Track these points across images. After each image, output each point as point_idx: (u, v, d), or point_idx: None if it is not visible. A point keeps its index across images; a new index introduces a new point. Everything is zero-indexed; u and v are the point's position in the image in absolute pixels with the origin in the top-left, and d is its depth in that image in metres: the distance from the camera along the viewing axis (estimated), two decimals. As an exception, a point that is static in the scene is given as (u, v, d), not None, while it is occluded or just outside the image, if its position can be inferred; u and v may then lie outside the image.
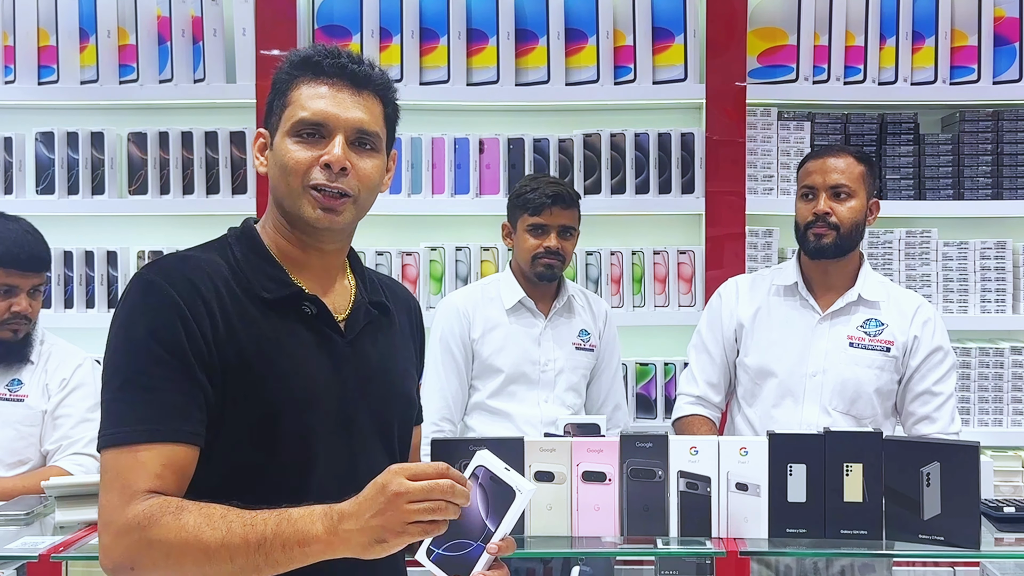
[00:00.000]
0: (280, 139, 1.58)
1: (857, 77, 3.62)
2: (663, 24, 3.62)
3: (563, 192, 2.94)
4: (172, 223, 3.76)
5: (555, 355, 3.01)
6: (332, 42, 3.57)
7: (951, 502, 2.08)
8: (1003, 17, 3.62)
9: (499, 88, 3.63)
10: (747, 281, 2.90)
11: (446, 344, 3.00)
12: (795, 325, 2.76)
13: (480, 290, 3.09)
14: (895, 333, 2.72)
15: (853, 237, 2.71)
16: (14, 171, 3.68)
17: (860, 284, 2.75)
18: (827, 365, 2.71)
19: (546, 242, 2.93)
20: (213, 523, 1.37)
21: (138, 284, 1.49)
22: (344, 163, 1.56)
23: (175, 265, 1.52)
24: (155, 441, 1.42)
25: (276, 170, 1.58)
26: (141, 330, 1.45)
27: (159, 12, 3.66)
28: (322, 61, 1.58)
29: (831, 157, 2.73)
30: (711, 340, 2.87)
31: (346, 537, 1.35)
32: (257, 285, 1.55)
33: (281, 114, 1.59)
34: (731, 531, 2.19)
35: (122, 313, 1.49)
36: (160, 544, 1.37)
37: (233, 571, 1.36)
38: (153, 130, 3.66)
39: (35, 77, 3.68)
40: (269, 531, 1.36)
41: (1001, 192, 3.62)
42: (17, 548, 2.13)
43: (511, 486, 1.44)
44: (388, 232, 3.76)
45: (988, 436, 3.48)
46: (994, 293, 3.59)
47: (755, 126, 3.61)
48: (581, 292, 3.15)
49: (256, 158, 1.65)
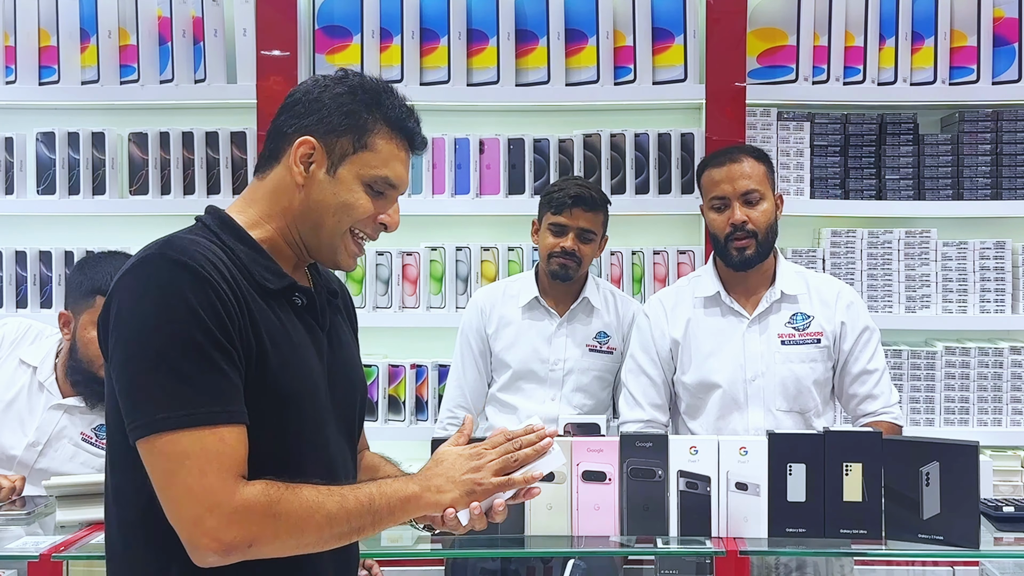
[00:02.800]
0: (351, 178, 1.60)
1: (857, 77, 3.62)
2: (663, 24, 3.62)
3: (586, 195, 2.95)
4: (173, 223, 3.67)
5: (566, 355, 3.03)
6: (333, 43, 3.62)
7: (950, 502, 2.08)
8: (1002, 17, 3.62)
9: (499, 88, 3.63)
10: (670, 297, 2.86)
11: (466, 337, 3.12)
12: (725, 334, 2.74)
13: (503, 287, 3.17)
14: (822, 323, 2.72)
15: (770, 239, 2.71)
16: (15, 171, 3.68)
17: (780, 281, 2.74)
18: (764, 368, 2.70)
19: (563, 242, 2.95)
20: (325, 493, 1.50)
21: (166, 263, 1.46)
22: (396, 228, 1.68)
23: (191, 246, 1.50)
24: (233, 422, 1.45)
25: (333, 202, 1.60)
26: (186, 308, 1.43)
27: (160, 12, 3.67)
28: (415, 134, 1.66)
29: (734, 163, 2.70)
30: (647, 362, 2.81)
31: (439, 491, 1.60)
32: (257, 274, 1.57)
33: (357, 152, 1.59)
34: (731, 531, 2.20)
35: (153, 292, 1.44)
36: (287, 517, 1.45)
37: (345, 532, 1.52)
38: (154, 130, 3.66)
39: (36, 77, 3.68)
40: (376, 493, 1.54)
41: (1000, 192, 3.62)
42: (18, 548, 2.14)
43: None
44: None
45: (988, 436, 3.48)
46: (993, 293, 3.59)
47: (755, 126, 3.62)
48: (610, 293, 3.16)
49: (296, 165, 1.59)
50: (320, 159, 1.59)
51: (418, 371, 3.66)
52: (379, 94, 1.62)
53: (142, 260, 1.49)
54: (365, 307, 3.64)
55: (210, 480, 1.41)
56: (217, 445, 1.42)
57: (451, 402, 3.12)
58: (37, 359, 2.73)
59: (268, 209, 1.63)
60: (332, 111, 1.60)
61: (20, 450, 2.68)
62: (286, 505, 1.44)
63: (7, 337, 2.78)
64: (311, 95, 1.62)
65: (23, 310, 3.63)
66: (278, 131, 1.63)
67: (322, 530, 1.48)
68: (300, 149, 1.59)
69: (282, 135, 1.62)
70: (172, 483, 1.42)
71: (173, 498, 1.43)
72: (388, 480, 1.60)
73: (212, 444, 1.41)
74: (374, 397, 3.62)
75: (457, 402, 3.10)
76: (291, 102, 1.63)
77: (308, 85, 1.65)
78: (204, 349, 1.42)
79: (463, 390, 3.10)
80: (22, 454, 2.68)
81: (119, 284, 1.49)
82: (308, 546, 1.48)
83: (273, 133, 1.64)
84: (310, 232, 1.61)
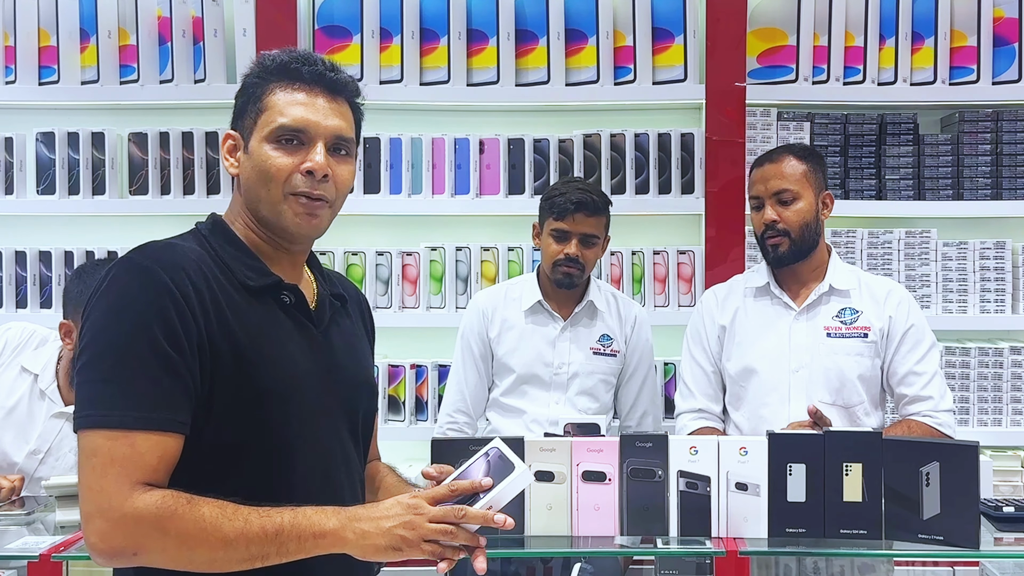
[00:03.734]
0: (257, 144, 1.60)
1: (857, 77, 3.62)
2: (663, 24, 3.62)
3: (589, 200, 2.93)
4: (173, 223, 3.69)
5: (570, 359, 3.02)
6: (333, 43, 3.62)
7: (950, 502, 2.08)
8: (1002, 17, 3.62)
9: (499, 88, 3.63)
10: (723, 289, 2.92)
11: (467, 340, 3.09)
12: (772, 324, 2.77)
13: (505, 290, 3.14)
14: (871, 319, 2.73)
15: (807, 237, 2.72)
16: (15, 171, 3.68)
17: (830, 275, 2.77)
18: (808, 359, 2.72)
19: (567, 249, 2.93)
20: (230, 515, 1.44)
21: (128, 268, 1.50)
22: (327, 170, 1.59)
23: (163, 252, 1.54)
24: (150, 429, 1.44)
25: (254, 174, 1.60)
26: (134, 314, 1.46)
27: (160, 12, 3.67)
28: (300, 68, 1.61)
29: (770, 163, 2.75)
30: (699, 352, 2.86)
31: (360, 535, 1.47)
32: (240, 274, 1.59)
33: (256, 118, 1.61)
34: (731, 531, 2.20)
35: (111, 295, 1.48)
36: (176, 533, 1.42)
37: (244, 558, 1.45)
38: (154, 130, 3.66)
39: (36, 77, 3.68)
40: (286, 522, 1.45)
41: (1000, 192, 3.62)
42: (17, 548, 2.14)
43: (513, 463, 1.58)
44: (388, 232, 3.76)
45: (988, 436, 3.48)
46: (993, 293, 3.59)
47: (755, 126, 3.62)
48: (612, 295, 3.15)
49: (226, 159, 1.65)
50: (239, 144, 1.64)
51: (418, 371, 3.66)
52: (262, 59, 1.65)
53: (115, 263, 1.53)
54: (365, 307, 3.64)
55: (108, 482, 1.42)
56: (124, 450, 1.42)
57: (451, 406, 3.09)
58: (39, 366, 2.72)
59: (236, 208, 1.67)
60: (236, 98, 1.66)
61: (21, 457, 2.68)
62: (178, 522, 1.42)
63: (9, 343, 2.77)
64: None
65: (23, 310, 3.63)
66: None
67: (215, 551, 1.43)
68: (225, 144, 1.65)
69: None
70: (80, 478, 1.46)
71: (79, 492, 1.46)
72: (308, 511, 1.48)
73: (120, 448, 1.42)
74: (374, 397, 3.61)
75: (457, 406, 3.08)
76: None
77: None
78: (141, 356, 1.44)
79: (463, 394, 3.07)
80: (23, 461, 2.68)
81: (96, 283, 1.54)
82: (203, 564, 1.45)
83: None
84: (257, 213, 1.63)
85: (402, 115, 3.71)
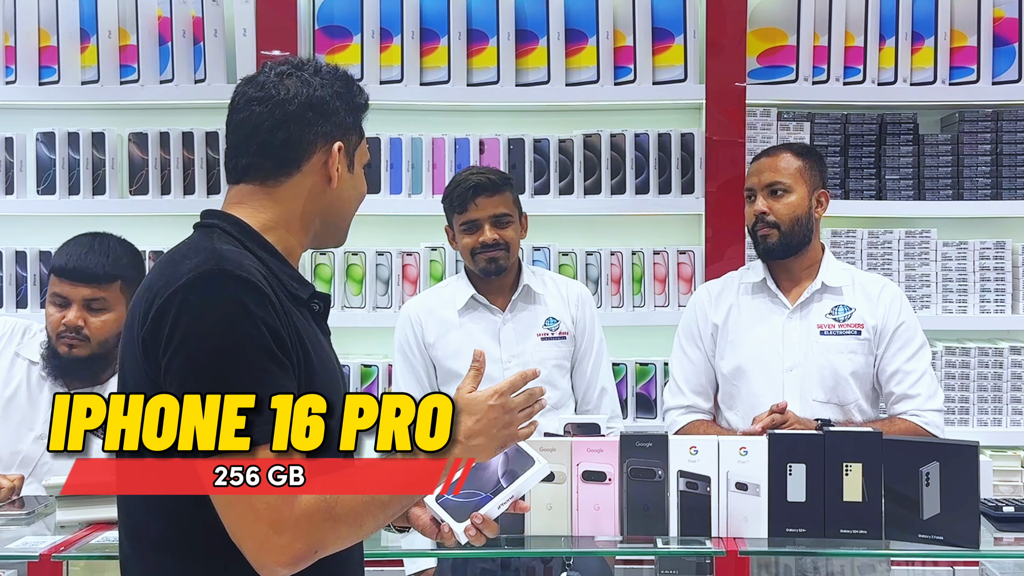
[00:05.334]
0: (359, 166, 1.70)
1: (857, 77, 3.62)
2: (663, 24, 3.62)
3: (484, 181, 2.83)
4: (173, 223, 3.73)
5: (517, 350, 2.89)
6: (333, 43, 3.62)
7: (950, 502, 2.08)
8: (1002, 17, 3.62)
9: (499, 88, 3.63)
10: (717, 285, 2.91)
11: (403, 353, 2.95)
12: (766, 322, 2.77)
13: (434, 294, 3.02)
14: (864, 316, 2.73)
15: (797, 232, 2.72)
16: (15, 171, 3.67)
17: (823, 273, 2.77)
18: (802, 357, 2.72)
19: (480, 236, 2.83)
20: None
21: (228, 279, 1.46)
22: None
23: (244, 260, 1.50)
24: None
25: (355, 196, 1.71)
26: (251, 324, 1.43)
27: (160, 13, 3.66)
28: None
29: (766, 157, 2.79)
30: (692, 348, 2.85)
31: (476, 450, 1.58)
32: (288, 283, 1.59)
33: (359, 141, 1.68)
34: (731, 531, 2.20)
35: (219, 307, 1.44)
36: (345, 516, 1.46)
37: (397, 511, 1.55)
38: (154, 130, 3.66)
39: (36, 77, 3.68)
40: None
41: (1000, 192, 3.62)
42: (18, 548, 2.14)
43: (533, 458, 1.75)
44: (388, 232, 3.76)
45: (988, 436, 3.47)
46: (993, 293, 3.59)
47: (755, 126, 3.62)
48: (551, 279, 3.03)
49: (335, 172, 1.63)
50: (344, 159, 1.65)
51: (418, 371, 3.65)
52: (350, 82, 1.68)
53: (202, 275, 1.46)
54: (365, 307, 3.64)
55: (265, 500, 1.41)
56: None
57: None
58: (35, 354, 2.74)
59: (286, 215, 1.62)
60: (342, 111, 1.64)
61: (27, 444, 2.68)
62: (342, 505, 1.46)
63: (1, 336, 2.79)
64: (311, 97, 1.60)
65: (23, 310, 3.62)
66: (290, 141, 1.60)
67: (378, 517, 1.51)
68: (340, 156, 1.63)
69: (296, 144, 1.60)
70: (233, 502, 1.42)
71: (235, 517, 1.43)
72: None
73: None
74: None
75: None
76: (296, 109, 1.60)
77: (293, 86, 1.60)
78: (267, 364, 1.44)
79: None
80: (29, 448, 2.68)
81: (175, 299, 1.45)
82: (370, 532, 1.53)
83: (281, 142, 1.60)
84: (333, 226, 1.69)
85: (402, 115, 3.71)
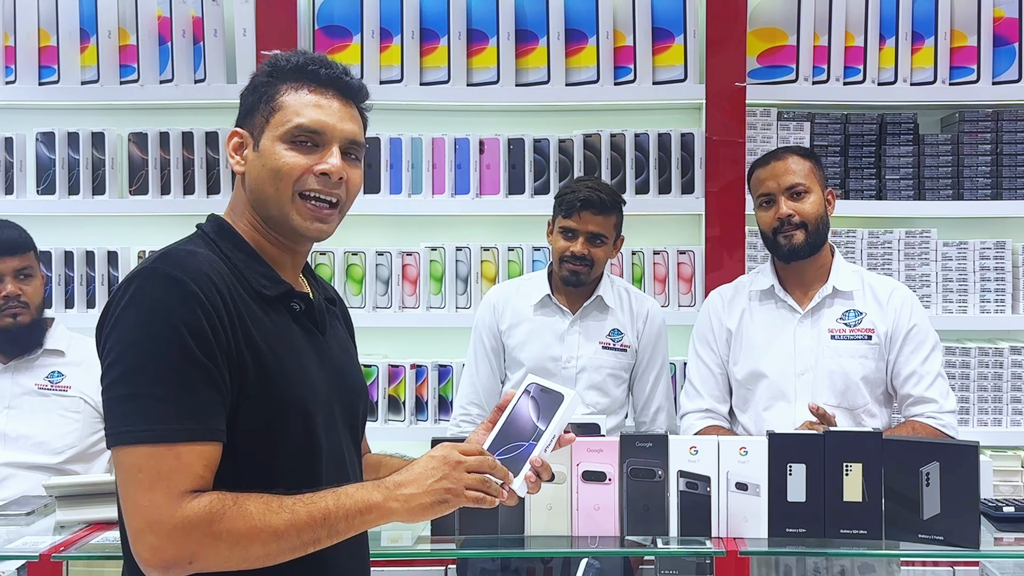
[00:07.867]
0: (269, 143, 1.60)
1: (857, 77, 3.62)
2: (663, 24, 3.62)
3: (595, 198, 2.92)
4: (173, 223, 3.73)
5: (578, 353, 3.02)
6: (333, 43, 3.62)
7: (951, 502, 2.08)
8: (1002, 17, 3.62)
9: (499, 88, 3.63)
10: (729, 290, 2.92)
11: (479, 334, 3.11)
12: (778, 327, 2.78)
13: (517, 285, 3.17)
14: (875, 321, 2.73)
15: (821, 231, 2.74)
16: (15, 171, 3.68)
17: (834, 277, 2.77)
18: (813, 362, 2.72)
19: (572, 246, 2.94)
20: (274, 508, 1.46)
21: (156, 278, 1.47)
22: (343, 173, 1.61)
23: (187, 260, 1.51)
24: (194, 440, 1.44)
25: (264, 172, 1.60)
26: (168, 325, 1.43)
27: (160, 12, 3.67)
28: (318, 71, 1.61)
29: (777, 160, 2.77)
30: (707, 353, 2.87)
31: (405, 499, 1.53)
32: (255, 282, 1.58)
33: (268, 117, 1.60)
34: (731, 531, 2.19)
35: (142, 307, 1.45)
36: (228, 535, 1.43)
37: (296, 547, 1.48)
38: (154, 130, 3.66)
39: (36, 77, 3.68)
40: (331, 505, 1.49)
41: (1000, 192, 3.62)
42: (18, 548, 2.14)
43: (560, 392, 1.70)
44: (388, 232, 3.76)
45: (988, 436, 3.48)
46: (993, 293, 3.59)
47: (755, 126, 3.62)
48: (625, 291, 3.14)
49: (232, 156, 1.64)
50: (247, 142, 1.63)
51: (418, 371, 3.66)
52: (276, 59, 1.65)
53: (138, 272, 1.49)
54: (365, 307, 3.64)
55: (156, 496, 1.41)
56: (171, 462, 1.42)
57: (464, 399, 3.12)
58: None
59: (240, 208, 1.65)
60: (245, 96, 1.66)
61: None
62: (228, 522, 1.42)
63: None
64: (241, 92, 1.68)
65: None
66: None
67: (268, 545, 1.45)
68: (231, 142, 1.64)
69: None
70: (125, 495, 1.44)
71: (125, 509, 1.45)
72: (349, 489, 1.52)
73: (166, 461, 1.41)
74: (374, 397, 3.62)
75: (470, 399, 3.10)
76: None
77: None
78: (179, 367, 1.43)
79: (476, 387, 3.09)
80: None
81: (116, 293, 1.50)
82: (258, 560, 1.46)
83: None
84: (264, 212, 1.62)
85: (402, 115, 3.71)
